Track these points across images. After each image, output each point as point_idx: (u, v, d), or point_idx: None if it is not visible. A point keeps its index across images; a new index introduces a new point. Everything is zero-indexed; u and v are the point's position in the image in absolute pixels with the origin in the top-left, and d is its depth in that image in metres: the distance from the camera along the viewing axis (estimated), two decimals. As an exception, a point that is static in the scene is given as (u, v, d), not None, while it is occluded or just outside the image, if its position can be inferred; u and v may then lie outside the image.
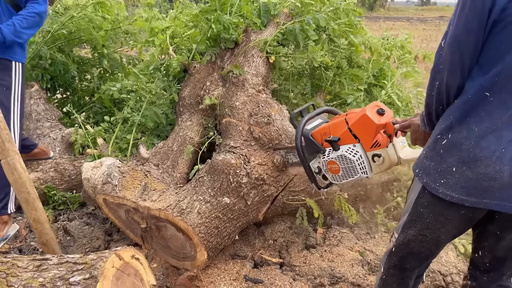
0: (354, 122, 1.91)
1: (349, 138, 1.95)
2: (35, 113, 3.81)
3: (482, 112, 1.30)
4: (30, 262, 1.73)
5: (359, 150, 1.93)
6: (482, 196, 1.33)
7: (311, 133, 2.15)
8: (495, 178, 1.29)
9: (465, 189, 1.35)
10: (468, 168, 1.33)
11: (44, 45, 3.80)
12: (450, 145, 1.37)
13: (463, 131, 1.34)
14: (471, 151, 1.32)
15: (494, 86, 1.27)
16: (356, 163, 1.94)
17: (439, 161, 1.40)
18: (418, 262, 1.61)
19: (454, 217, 1.44)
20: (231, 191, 2.46)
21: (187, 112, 3.15)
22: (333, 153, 2.02)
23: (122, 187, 2.59)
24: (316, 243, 2.80)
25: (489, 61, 1.28)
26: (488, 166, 1.30)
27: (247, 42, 3.05)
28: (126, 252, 1.82)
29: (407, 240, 1.57)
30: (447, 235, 1.51)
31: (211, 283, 2.43)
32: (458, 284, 2.40)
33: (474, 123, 1.31)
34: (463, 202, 1.36)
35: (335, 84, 3.37)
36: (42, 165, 3.27)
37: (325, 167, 2.09)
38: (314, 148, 2.13)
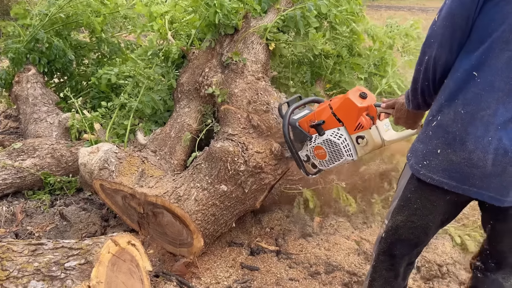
0: (338, 106, 1.96)
1: (333, 122, 2.01)
2: (32, 97, 3.78)
3: (469, 94, 1.28)
4: (25, 247, 1.73)
5: (343, 133, 1.98)
6: (462, 181, 1.33)
7: (298, 122, 2.19)
8: (477, 165, 1.29)
9: (447, 172, 1.35)
10: (452, 151, 1.33)
11: (42, 29, 3.75)
12: (438, 126, 1.37)
13: (450, 113, 1.33)
14: (457, 134, 1.31)
15: (481, 65, 1.25)
16: (341, 145, 2.00)
17: (427, 142, 1.40)
18: (408, 249, 1.60)
19: (439, 203, 1.44)
20: (228, 179, 2.45)
21: (185, 98, 3.12)
22: (319, 138, 2.07)
23: (119, 173, 2.57)
24: (312, 232, 2.80)
25: (478, 38, 1.26)
26: (472, 152, 1.29)
27: (246, 28, 3.01)
28: (122, 238, 1.81)
29: (396, 226, 1.57)
30: (435, 222, 1.51)
31: (207, 269, 2.43)
32: (453, 275, 2.41)
33: (461, 105, 1.30)
34: (442, 185, 1.37)
35: (335, 72, 3.34)
36: (39, 151, 3.25)
37: (312, 154, 2.14)
38: (301, 136, 2.18)
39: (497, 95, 1.24)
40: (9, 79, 3.95)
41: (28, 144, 3.29)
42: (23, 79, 3.85)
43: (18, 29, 3.86)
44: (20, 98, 3.82)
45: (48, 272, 1.61)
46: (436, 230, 1.58)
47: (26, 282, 1.58)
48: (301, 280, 2.36)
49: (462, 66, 1.30)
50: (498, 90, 1.24)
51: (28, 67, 3.90)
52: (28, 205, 3.05)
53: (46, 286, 1.57)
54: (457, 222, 2.85)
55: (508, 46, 1.21)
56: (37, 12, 3.85)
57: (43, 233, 2.74)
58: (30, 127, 3.60)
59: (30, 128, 3.60)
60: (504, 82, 1.23)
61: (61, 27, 3.94)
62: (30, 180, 3.16)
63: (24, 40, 3.78)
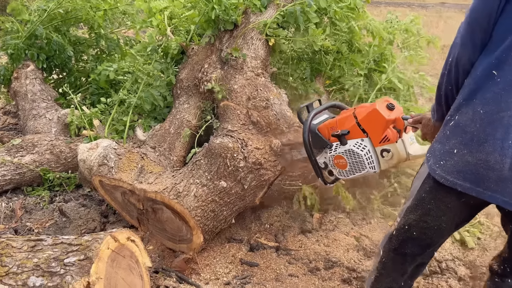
0: (364, 116, 1.87)
1: (357, 133, 1.91)
2: (31, 93, 3.76)
3: (488, 93, 1.26)
4: (24, 243, 1.73)
5: (367, 145, 1.89)
6: (477, 183, 1.30)
7: (317, 127, 2.10)
8: (494, 168, 1.26)
9: (462, 174, 1.32)
10: (469, 152, 1.30)
11: (40, 24, 3.73)
12: (456, 126, 1.34)
13: (469, 112, 1.30)
14: (475, 134, 1.29)
15: (501, 63, 1.23)
16: (364, 157, 1.90)
17: (444, 142, 1.38)
18: (419, 249, 1.58)
19: (454, 205, 1.42)
20: (228, 175, 2.45)
21: (184, 94, 3.11)
22: (340, 148, 1.98)
23: (118, 169, 2.57)
24: (312, 228, 2.80)
25: (499, 37, 1.25)
26: (489, 154, 1.26)
27: (246, 24, 2.99)
28: (121, 234, 1.81)
29: (408, 225, 1.55)
30: (449, 224, 1.48)
31: (207, 265, 2.43)
32: (453, 271, 2.42)
33: (480, 105, 1.28)
34: (456, 186, 1.34)
35: (335, 68, 3.33)
36: (38, 147, 3.24)
37: (331, 162, 2.05)
38: (320, 142, 2.08)
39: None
40: (7, 75, 3.93)
41: (27, 140, 3.29)
42: (21, 75, 3.84)
43: (16, 25, 3.84)
44: (19, 94, 3.80)
45: (47, 268, 1.60)
46: (450, 232, 1.55)
47: (26, 278, 1.58)
48: (301, 276, 2.36)
49: (482, 64, 1.29)
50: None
51: (26, 63, 3.89)
52: (27, 201, 3.05)
53: (45, 282, 1.57)
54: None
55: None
56: (35, 8, 3.83)
57: (43, 229, 2.74)
58: (29, 123, 3.59)
59: (29, 124, 3.59)
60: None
61: (60, 23, 3.92)
62: (29, 176, 3.15)
63: (22, 36, 3.77)
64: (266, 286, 2.27)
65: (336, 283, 2.30)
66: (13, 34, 3.87)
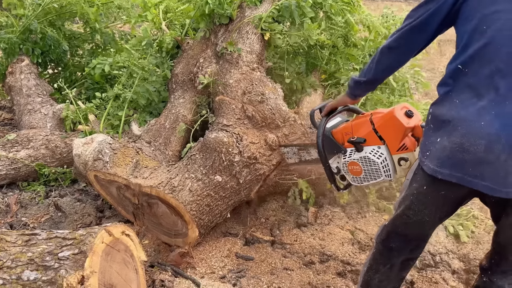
0: (381, 123, 1.82)
1: (374, 140, 1.85)
2: (26, 88, 3.75)
3: (461, 84, 1.33)
4: (19, 237, 1.73)
5: (384, 152, 1.83)
6: (455, 168, 1.32)
7: (331, 131, 2.03)
8: (469, 150, 1.28)
9: (440, 160, 1.35)
10: (447, 138, 1.34)
11: (35, 19, 3.70)
12: (436, 118, 1.40)
13: (446, 104, 1.37)
14: (450, 121, 1.33)
15: (467, 61, 1.32)
16: (380, 165, 1.84)
17: (430, 134, 1.42)
18: (404, 244, 1.59)
19: (434, 196, 1.44)
20: (223, 170, 2.45)
21: (180, 89, 3.10)
22: (356, 154, 1.91)
23: (113, 163, 2.57)
24: (307, 222, 2.81)
25: (460, 37, 1.36)
26: (463, 136, 1.29)
27: (241, 18, 2.99)
28: (116, 228, 1.81)
29: (395, 216, 1.58)
30: (432, 218, 1.49)
31: (202, 259, 2.44)
32: (446, 264, 2.43)
33: (455, 96, 1.34)
34: (436, 174, 1.36)
35: (330, 63, 3.33)
36: (33, 142, 3.23)
37: (345, 168, 1.98)
38: (333, 147, 2.01)
39: (487, 81, 1.27)
40: (2, 69, 3.92)
41: (22, 135, 3.28)
42: (16, 70, 3.82)
43: (11, 19, 3.82)
44: (13, 89, 3.79)
45: (41, 262, 1.61)
46: (434, 227, 1.55)
47: (20, 272, 1.58)
48: (296, 269, 2.37)
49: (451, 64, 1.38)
50: (487, 78, 1.27)
51: (21, 57, 3.87)
52: (22, 196, 3.04)
53: (39, 275, 1.57)
54: (451, 212, 2.86)
55: (483, 35, 1.27)
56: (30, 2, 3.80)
57: (38, 224, 2.74)
58: (24, 118, 3.58)
59: (24, 119, 3.58)
60: (490, 70, 1.27)
61: (54, 17, 3.90)
62: (25, 171, 3.15)
63: (17, 31, 3.74)
64: (261, 280, 2.28)
65: (330, 276, 2.31)
66: (7, 28, 3.84)
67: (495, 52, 1.25)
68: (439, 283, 2.28)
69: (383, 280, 1.69)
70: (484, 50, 1.27)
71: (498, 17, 1.24)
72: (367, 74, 1.67)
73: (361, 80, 1.71)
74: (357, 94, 1.84)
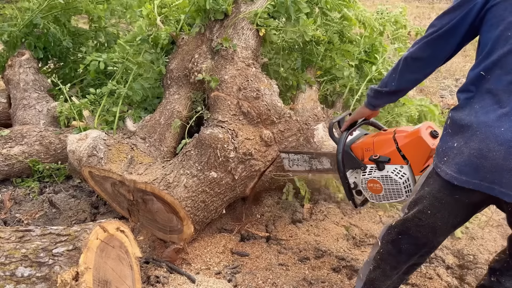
0: (406, 143, 1.76)
1: (396, 159, 1.79)
2: (23, 83, 3.71)
3: (482, 91, 1.32)
4: (12, 233, 1.72)
5: (406, 172, 1.77)
6: (472, 175, 1.30)
7: (350, 146, 1.96)
8: (487, 156, 1.26)
9: (457, 166, 1.33)
10: (465, 143, 1.32)
11: (40, 13, 3.66)
12: (454, 123, 1.38)
13: (466, 109, 1.35)
14: (469, 126, 1.31)
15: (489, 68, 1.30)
16: (402, 185, 1.78)
17: (447, 139, 1.40)
18: (414, 247, 1.58)
19: (448, 201, 1.41)
20: (218, 166, 2.45)
21: (175, 85, 3.09)
22: (376, 172, 1.85)
23: (107, 160, 2.55)
24: (302, 218, 2.82)
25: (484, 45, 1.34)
26: (481, 142, 1.27)
27: (237, 14, 2.97)
28: (110, 224, 1.80)
29: (406, 217, 1.55)
30: (444, 223, 1.47)
31: (197, 256, 2.44)
32: (441, 259, 2.45)
33: (476, 102, 1.33)
34: (453, 180, 1.34)
35: (326, 59, 3.32)
36: (27, 138, 3.21)
37: (364, 185, 1.91)
38: (352, 162, 1.95)
39: (510, 88, 1.26)
40: (2, 62, 3.87)
41: (16, 131, 3.25)
42: (16, 63, 3.78)
43: (16, 12, 3.77)
44: (11, 83, 3.75)
45: (36, 258, 1.60)
46: (448, 233, 1.53)
47: (14, 268, 1.58)
48: (291, 265, 2.38)
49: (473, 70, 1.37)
50: (509, 84, 1.26)
51: (22, 51, 3.82)
52: (16, 193, 3.03)
53: (34, 272, 1.57)
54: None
55: (507, 42, 1.25)
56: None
57: (32, 220, 2.73)
58: (19, 113, 3.55)
59: (18, 114, 3.55)
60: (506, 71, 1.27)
61: (59, 13, 3.86)
62: (19, 168, 3.13)
63: (20, 24, 3.70)
64: (256, 276, 2.28)
65: (325, 272, 2.32)
66: (11, 21, 3.80)
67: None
68: (434, 279, 2.30)
69: (387, 282, 1.70)
70: (508, 57, 1.26)
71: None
72: (390, 85, 1.63)
73: (383, 91, 1.67)
74: (377, 104, 1.81)
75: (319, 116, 2.89)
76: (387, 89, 1.65)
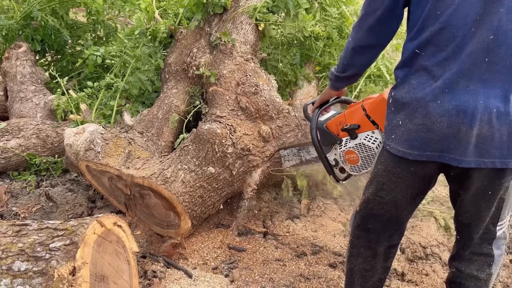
0: (372, 107, 1.80)
1: (367, 125, 1.83)
2: (20, 75, 3.68)
3: (417, 67, 1.38)
4: (9, 227, 1.71)
5: (378, 137, 1.81)
6: (423, 148, 1.37)
7: (326, 124, 2.01)
8: (432, 129, 1.34)
9: (408, 142, 1.40)
10: (409, 121, 1.39)
11: (37, 5, 3.62)
12: (395, 101, 1.45)
13: (405, 87, 1.41)
14: (410, 103, 1.38)
15: (422, 44, 1.36)
16: (375, 150, 1.82)
17: (391, 118, 1.47)
18: (381, 224, 1.61)
19: (405, 175, 1.47)
20: (216, 161, 2.44)
21: (173, 79, 3.07)
22: (351, 142, 1.90)
23: (105, 154, 2.54)
24: (300, 214, 2.82)
25: (414, 22, 1.40)
26: (424, 117, 1.35)
27: (236, 8, 2.95)
28: (108, 219, 1.80)
29: (367, 199, 1.60)
30: (404, 196, 1.52)
31: (194, 251, 2.44)
32: (437, 256, 2.46)
33: (413, 78, 1.39)
34: (406, 156, 1.41)
35: (324, 55, 3.32)
36: (24, 131, 3.19)
37: (342, 158, 1.96)
38: (329, 139, 2.00)
39: (437, 59, 1.33)
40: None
41: (13, 124, 3.24)
42: (12, 55, 3.74)
43: (13, 4, 3.73)
44: (8, 75, 3.72)
45: (32, 253, 1.59)
46: (410, 206, 1.58)
47: (10, 263, 1.57)
48: (288, 260, 2.39)
49: (407, 48, 1.42)
50: (443, 60, 1.32)
51: (19, 43, 3.79)
52: (13, 186, 3.02)
53: (30, 266, 1.56)
54: (442, 205, 2.89)
55: (437, 20, 1.31)
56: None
57: (29, 214, 2.72)
58: (15, 106, 3.53)
59: (15, 107, 3.53)
60: (446, 53, 1.32)
61: (57, 5, 3.82)
62: (15, 161, 3.11)
63: (18, 16, 3.67)
64: (253, 271, 2.29)
65: (322, 268, 2.33)
66: (8, 13, 3.76)
67: (450, 36, 1.30)
68: (430, 275, 2.31)
69: (368, 269, 1.69)
70: (440, 35, 1.31)
71: (452, 1, 1.28)
72: (346, 71, 1.69)
73: (341, 76, 1.73)
74: (339, 86, 1.87)
75: (317, 112, 2.89)
76: (344, 74, 1.71)
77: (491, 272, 1.58)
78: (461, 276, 1.61)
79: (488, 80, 1.29)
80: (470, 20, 1.26)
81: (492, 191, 1.42)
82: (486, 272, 1.58)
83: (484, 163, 1.34)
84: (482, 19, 1.26)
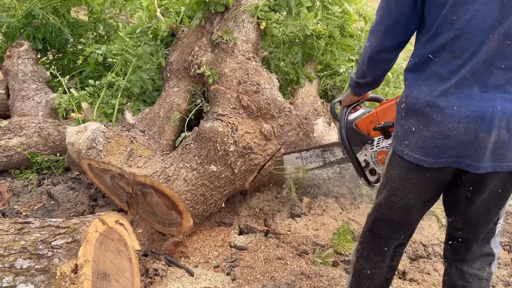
0: None
1: None
2: (22, 74, 3.68)
3: (429, 73, 1.35)
4: (11, 225, 1.71)
5: None
6: (439, 155, 1.35)
7: (355, 122, 1.92)
8: (449, 136, 1.31)
9: (423, 149, 1.38)
10: (424, 127, 1.36)
11: (39, 3, 3.62)
12: (407, 107, 1.42)
13: (414, 92, 1.38)
14: (423, 109, 1.36)
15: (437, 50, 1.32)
16: None
17: (403, 123, 1.44)
18: (392, 229, 1.60)
19: (418, 181, 1.45)
20: (218, 159, 2.44)
21: (174, 78, 3.07)
22: (384, 142, 1.80)
23: (107, 152, 2.55)
24: (301, 212, 2.82)
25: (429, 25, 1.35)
26: (440, 124, 1.32)
27: (237, 6, 2.95)
28: (110, 217, 1.80)
29: (379, 203, 1.58)
30: (417, 201, 1.51)
31: (196, 249, 2.44)
32: (438, 255, 2.46)
33: (425, 85, 1.36)
34: (422, 163, 1.39)
35: (326, 53, 3.31)
36: (26, 129, 3.19)
37: (374, 159, 1.86)
38: (359, 139, 1.90)
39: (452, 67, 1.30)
40: (0, 52, 3.83)
41: (15, 122, 3.24)
42: (14, 54, 3.74)
43: (14, 2, 3.73)
44: (10, 73, 3.72)
45: (35, 251, 1.59)
46: (421, 211, 1.56)
47: (13, 260, 1.57)
48: (289, 259, 2.39)
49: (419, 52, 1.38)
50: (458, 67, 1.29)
51: (20, 42, 3.79)
52: (15, 184, 3.02)
53: (33, 264, 1.56)
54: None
55: (453, 26, 1.27)
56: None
57: (31, 212, 2.73)
58: (17, 104, 3.52)
59: (16, 105, 3.53)
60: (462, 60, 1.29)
61: (59, 3, 3.82)
62: (17, 159, 3.12)
63: (19, 14, 3.67)
64: (255, 269, 2.29)
65: (323, 266, 2.33)
66: (10, 11, 3.76)
67: (467, 43, 1.27)
68: (431, 274, 2.31)
69: (376, 271, 1.69)
70: (456, 42, 1.28)
71: (469, 7, 1.24)
72: (366, 77, 1.64)
73: (361, 82, 1.68)
74: (361, 92, 1.82)
75: (319, 110, 2.89)
76: (365, 80, 1.67)
77: (491, 271, 1.58)
78: (463, 276, 1.60)
79: (504, 85, 1.26)
80: (487, 27, 1.23)
81: (504, 191, 1.42)
82: (487, 271, 1.58)
83: (501, 167, 1.33)
84: (499, 25, 1.23)
